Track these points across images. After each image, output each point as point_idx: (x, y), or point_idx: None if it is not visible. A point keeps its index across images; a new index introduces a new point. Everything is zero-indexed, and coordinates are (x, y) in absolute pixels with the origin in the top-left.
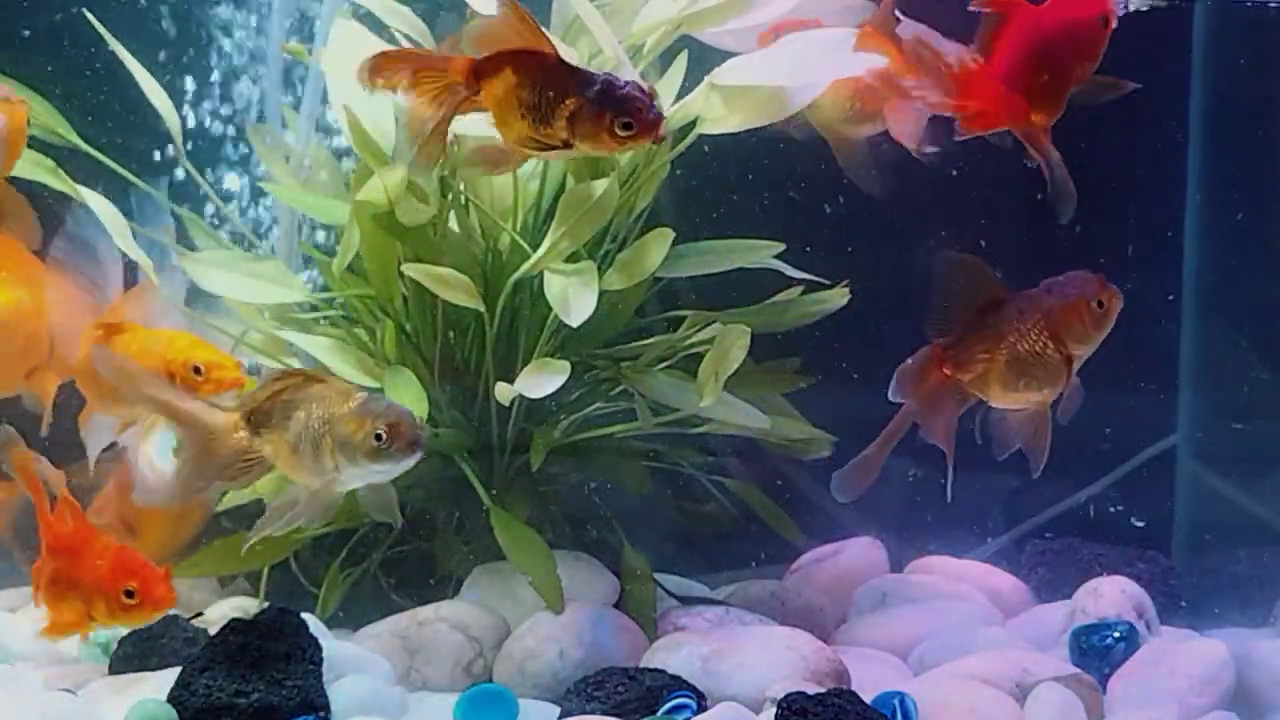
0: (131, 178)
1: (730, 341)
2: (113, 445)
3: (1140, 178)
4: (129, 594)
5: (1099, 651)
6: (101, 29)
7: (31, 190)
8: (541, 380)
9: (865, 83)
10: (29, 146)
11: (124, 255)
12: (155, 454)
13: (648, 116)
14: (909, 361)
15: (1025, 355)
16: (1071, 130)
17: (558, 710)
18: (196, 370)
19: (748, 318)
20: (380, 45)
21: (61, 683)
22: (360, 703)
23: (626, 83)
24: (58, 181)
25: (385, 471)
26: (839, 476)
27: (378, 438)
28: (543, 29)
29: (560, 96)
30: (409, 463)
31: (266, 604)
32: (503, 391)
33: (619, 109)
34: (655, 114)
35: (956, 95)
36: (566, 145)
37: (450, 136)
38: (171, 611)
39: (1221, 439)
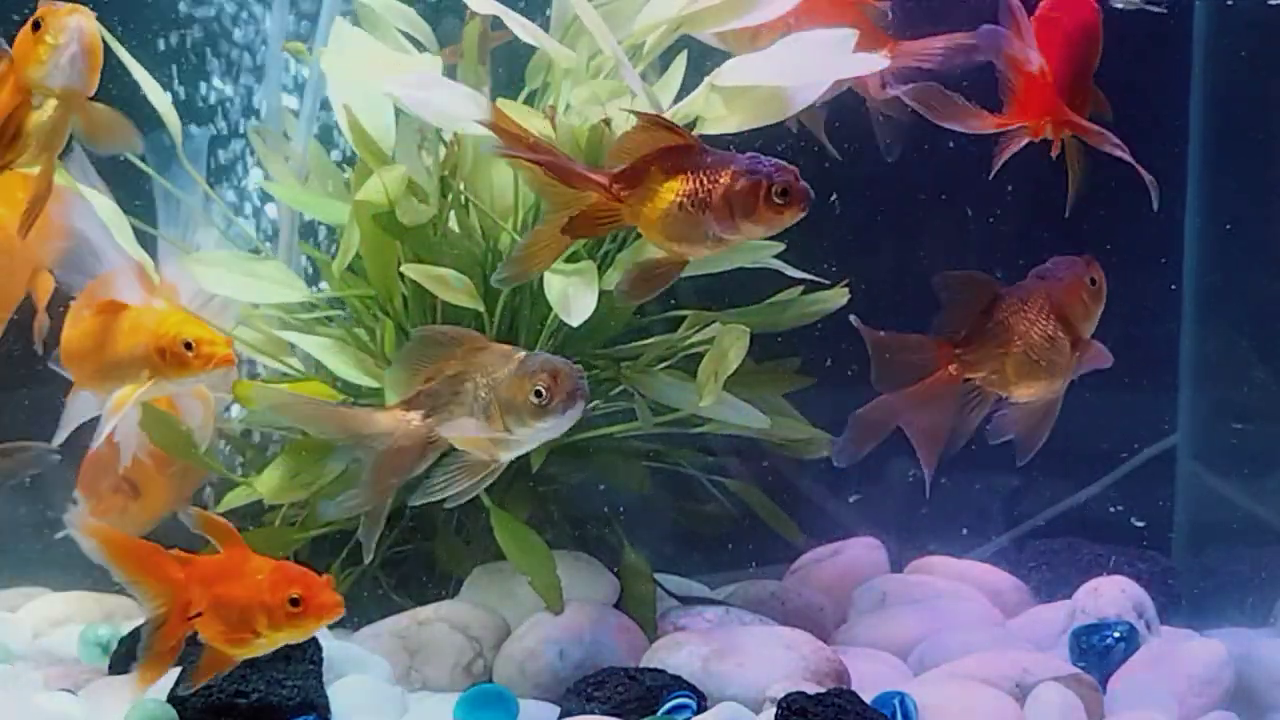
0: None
1: (729, 342)
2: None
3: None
4: (294, 602)
5: (1099, 651)
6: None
7: None
8: None
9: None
10: None
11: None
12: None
13: (798, 185)
14: (908, 352)
15: (1039, 343)
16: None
17: (558, 710)
18: (187, 346)
19: (748, 318)
20: (381, 46)
21: (61, 683)
22: (360, 703)
23: (766, 158)
24: (58, 177)
25: (553, 428)
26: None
27: (538, 394)
28: (675, 125)
29: (714, 177)
30: (574, 415)
31: None
32: None
33: (772, 178)
34: (803, 183)
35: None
36: (725, 231)
37: (450, 136)
38: None
39: (1221, 439)
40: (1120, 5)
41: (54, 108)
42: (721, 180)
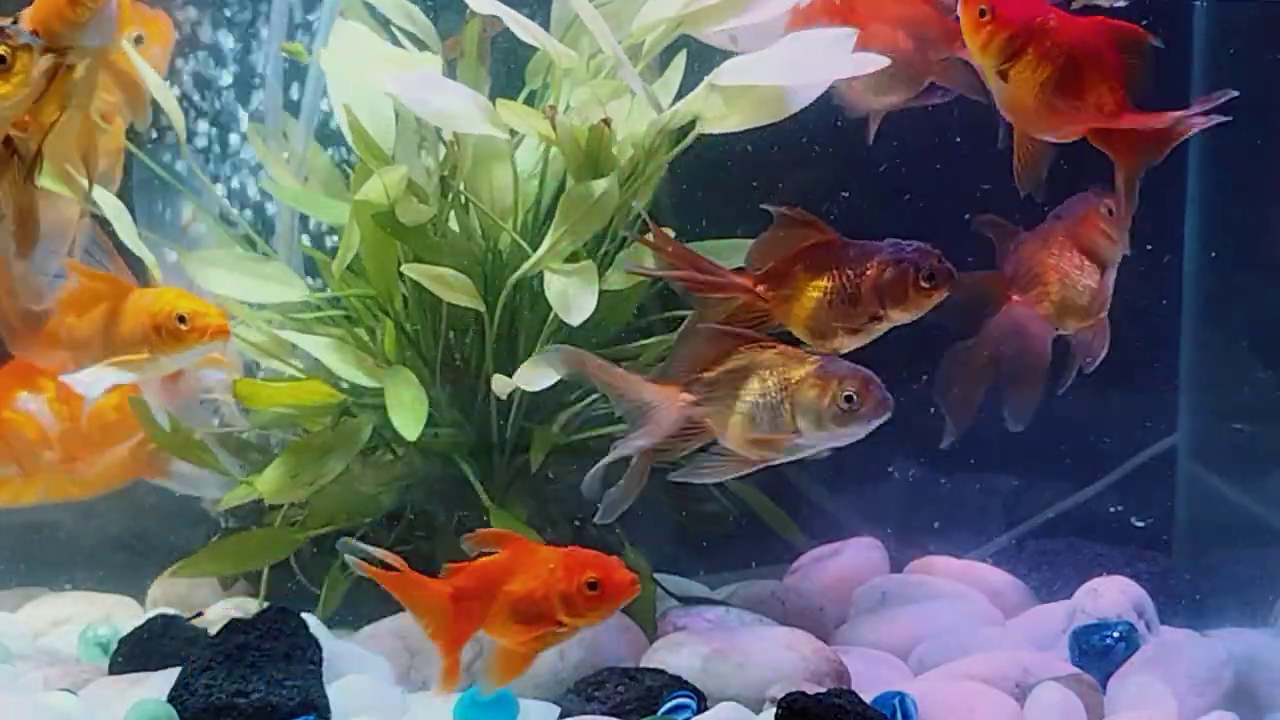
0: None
1: None
2: None
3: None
4: (592, 586)
5: (1099, 651)
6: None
7: None
8: (539, 373)
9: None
10: None
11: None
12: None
13: (942, 266)
14: (974, 290)
15: (1070, 275)
16: None
17: (558, 710)
18: (181, 319)
19: None
20: (382, 44)
21: (61, 683)
22: (360, 703)
23: (905, 243)
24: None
25: (851, 435)
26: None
27: (848, 399)
28: (813, 218)
29: (861, 270)
30: (877, 424)
31: (266, 604)
32: (500, 384)
33: (918, 265)
34: (946, 263)
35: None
36: (874, 320)
37: (449, 136)
38: (171, 611)
39: (1221, 439)
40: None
41: (86, 66)
42: (868, 274)
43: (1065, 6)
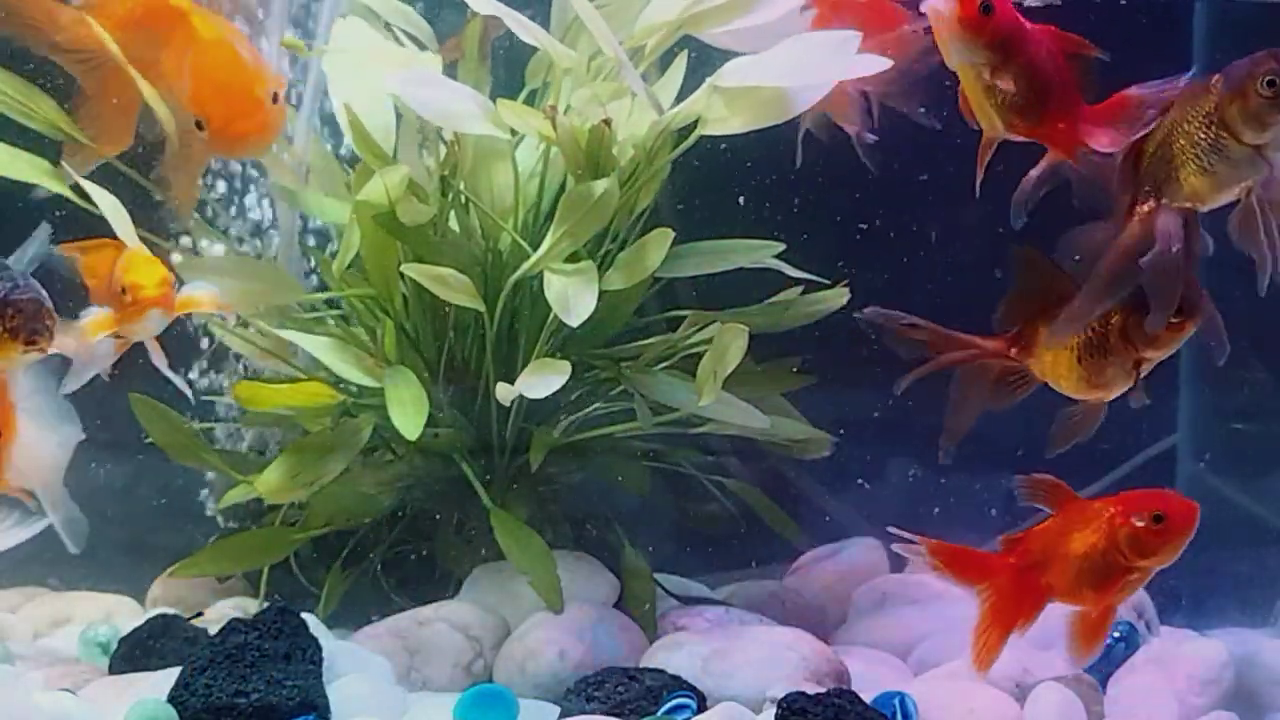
0: (136, 175)
1: (727, 341)
2: None
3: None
4: (1157, 519)
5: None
6: (100, 32)
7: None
8: (542, 380)
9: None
10: (30, 149)
11: None
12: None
13: (1191, 297)
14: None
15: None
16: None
17: (558, 710)
18: (123, 291)
19: (748, 318)
20: (382, 42)
21: (61, 683)
22: (360, 703)
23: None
24: (56, 184)
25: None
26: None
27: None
28: (1054, 263)
29: (1106, 319)
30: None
31: (266, 604)
32: (503, 392)
33: (1159, 300)
34: (1194, 292)
35: None
36: (1135, 365)
37: (450, 136)
38: (171, 611)
39: (1221, 439)
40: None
41: None
42: (1114, 321)
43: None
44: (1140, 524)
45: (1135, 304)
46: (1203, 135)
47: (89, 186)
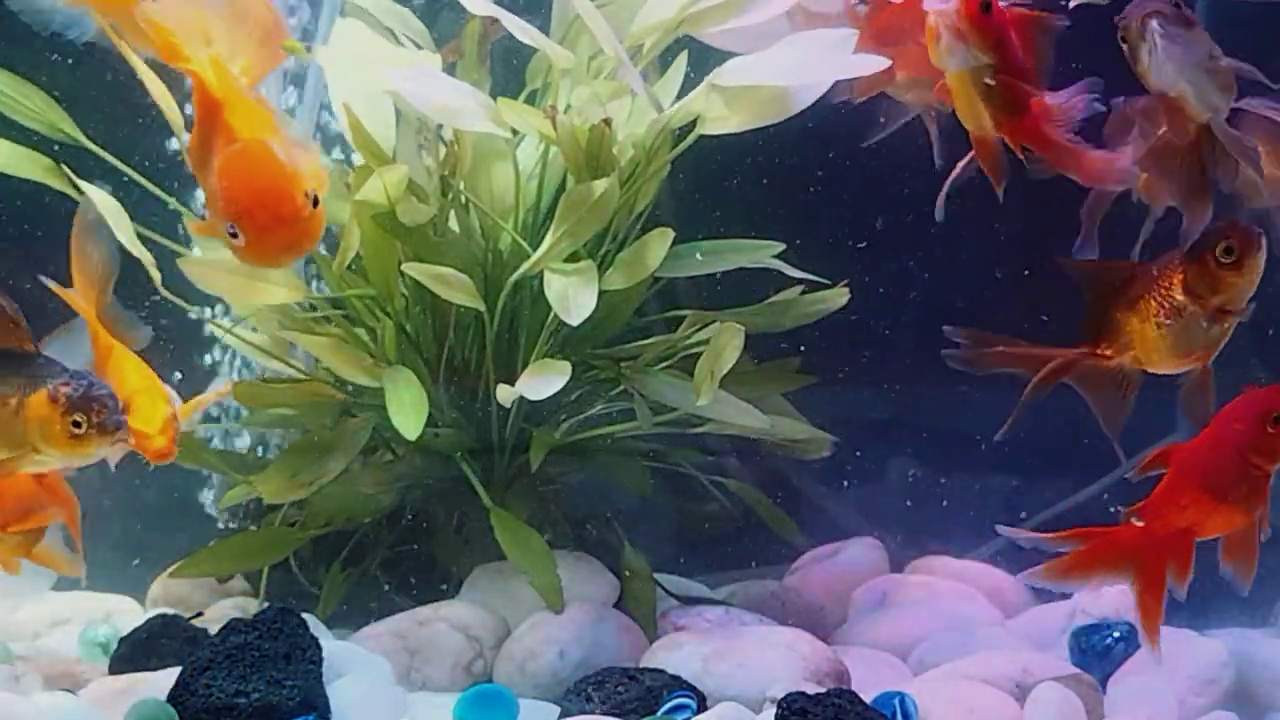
0: (135, 175)
1: (725, 340)
2: None
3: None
4: (1277, 420)
5: (1099, 651)
6: (105, 25)
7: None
8: (542, 381)
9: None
10: (30, 145)
11: None
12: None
13: (1237, 233)
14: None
15: None
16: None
17: (558, 710)
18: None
19: (747, 318)
20: (382, 42)
21: (61, 683)
22: (360, 703)
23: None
24: (57, 180)
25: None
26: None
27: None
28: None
29: (1167, 283)
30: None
31: (266, 604)
32: (504, 393)
33: (1208, 245)
34: (1237, 228)
35: None
36: (1217, 316)
37: (450, 135)
38: (171, 611)
39: None
40: None
41: None
42: (1173, 283)
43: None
44: (1262, 431)
45: (1187, 257)
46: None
47: (87, 188)
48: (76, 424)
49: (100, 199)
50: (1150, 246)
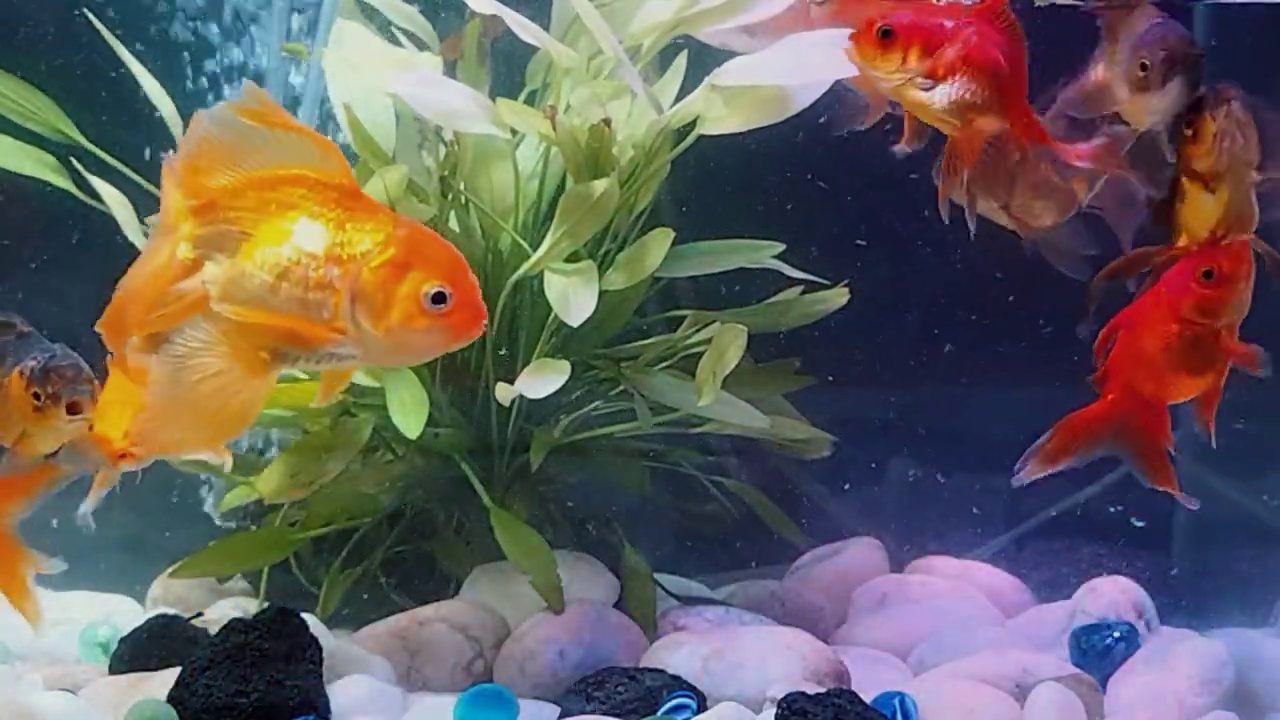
0: (135, 175)
1: (727, 341)
2: None
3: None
4: (1207, 275)
5: (1099, 651)
6: (102, 28)
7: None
8: (542, 381)
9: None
10: (32, 143)
11: None
12: None
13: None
14: None
15: None
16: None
17: (558, 710)
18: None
19: (748, 318)
20: (383, 44)
21: (61, 683)
22: (360, 703)
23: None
24: (59, 179)
25: None
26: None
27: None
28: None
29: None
30: None
31: (266, 604)
32: (503, 392)
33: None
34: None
35: None
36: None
37: (450, 135)
38: (171, 611)
39: (1221, 439)
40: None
41: None
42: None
43: None
44: (1193, 290)
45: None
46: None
47: (98, 184)
48: (36, 396)
49: (109, 194)
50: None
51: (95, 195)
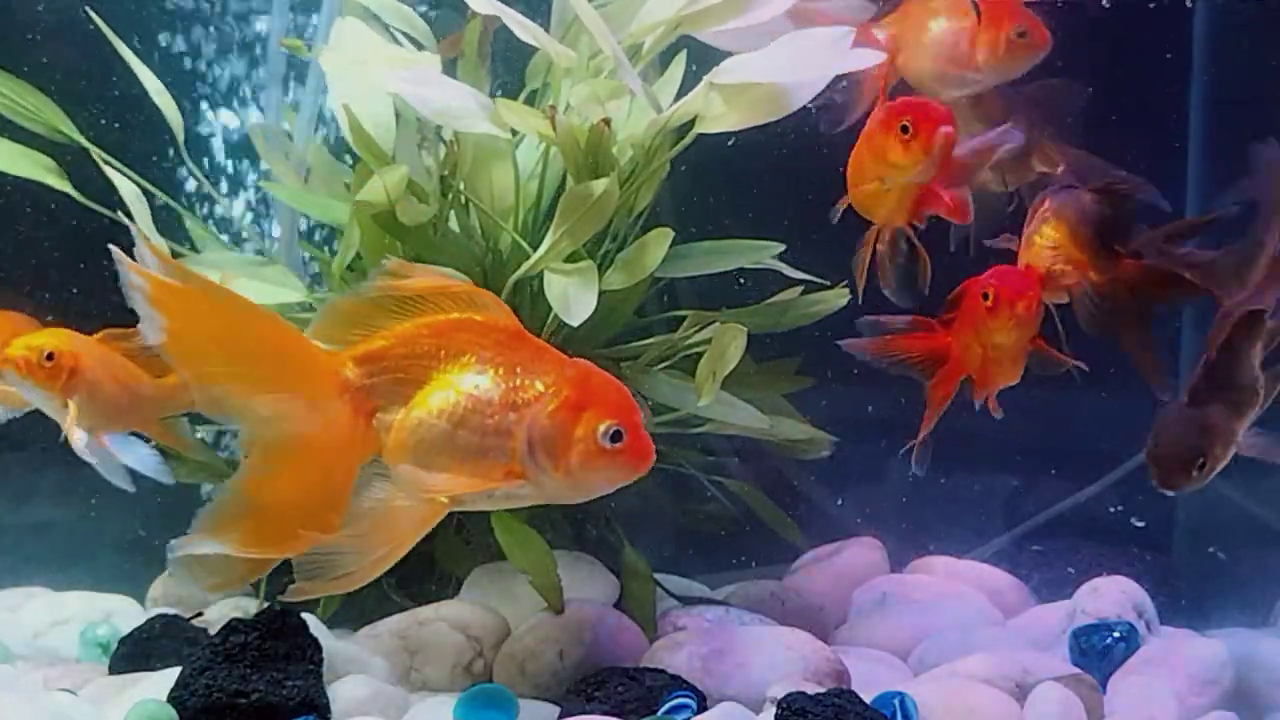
0: (134, 176)
1: (727, 341)
2: None
3: (1140, 176)
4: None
5: (1099, 651)
6: (105, 27)
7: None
8: None
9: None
10: (32, 145)
11: None
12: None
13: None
14: None
15: None
16: (1072, 129)
17: (558, 710)
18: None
19: (747, 318)
20: (383, 43)
21: (61, 683)
22: (360, 703)
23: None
24: (58, 180)
25: None
26: None
27: None
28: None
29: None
30: None
31: (266, 604)
32: None
33: None
34: None
35: None
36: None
37: (450, 135)
38: (171, 611)
39: None
40: None
41: None
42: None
43: None
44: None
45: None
46: None
47: (114, 176)
48: None
49: (124, 187)
50: None
51: (94, 195)
